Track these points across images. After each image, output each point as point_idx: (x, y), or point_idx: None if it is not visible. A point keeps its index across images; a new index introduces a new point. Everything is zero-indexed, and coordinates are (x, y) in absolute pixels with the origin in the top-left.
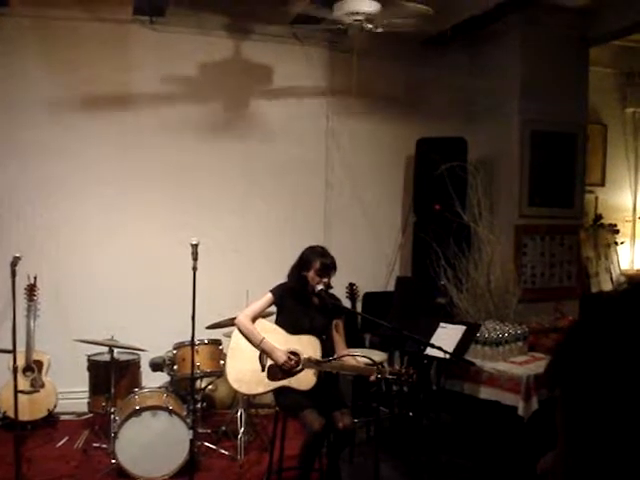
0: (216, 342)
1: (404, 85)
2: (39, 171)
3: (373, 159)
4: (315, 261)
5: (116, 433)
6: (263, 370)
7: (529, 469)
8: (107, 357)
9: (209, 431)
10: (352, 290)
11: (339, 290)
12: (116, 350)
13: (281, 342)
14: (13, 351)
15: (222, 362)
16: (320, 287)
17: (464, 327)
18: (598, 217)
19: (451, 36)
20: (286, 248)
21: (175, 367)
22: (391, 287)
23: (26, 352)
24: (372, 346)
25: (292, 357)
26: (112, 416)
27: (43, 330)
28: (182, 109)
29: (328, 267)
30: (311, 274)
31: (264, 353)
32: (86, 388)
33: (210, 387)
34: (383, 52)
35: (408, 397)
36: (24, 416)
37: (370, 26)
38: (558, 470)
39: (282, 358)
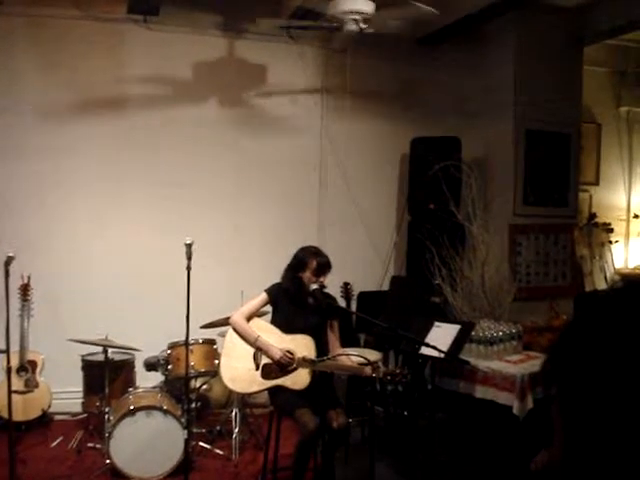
0: (210, 342)
1: (398, 84)
2: (32, 171)
3: (367, 158)
4: (311, 261)
5: (110, 433)
6: (257, 369)
7: (524, 467)
8: (101, 357)
9: (204, 431)
10: (347, 289)
11: (333, 289)
12: (110, 350)
13: (276, 341)
14: (7, 351)
15: (216, 362)
16: (314, 286)
17: (459, 326)
18: (592, 216)
19: (446, 35)
20: (280, 247)
21: (169, 367)
22: (386, 286)
23: (20, 352)
24: (367, 345)
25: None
26: (106, 416)
27: (37, 330)
28: (175, 108)
29: (324, 266)
30: (307, 274)
31: (259, 351)
32: (80, 388)
33: (205, 387)
34: (377, 51)
35: (403, 396)
36: (18, 416)
37: (365, 25)
38: (555, 465)
39: (278, 354)
